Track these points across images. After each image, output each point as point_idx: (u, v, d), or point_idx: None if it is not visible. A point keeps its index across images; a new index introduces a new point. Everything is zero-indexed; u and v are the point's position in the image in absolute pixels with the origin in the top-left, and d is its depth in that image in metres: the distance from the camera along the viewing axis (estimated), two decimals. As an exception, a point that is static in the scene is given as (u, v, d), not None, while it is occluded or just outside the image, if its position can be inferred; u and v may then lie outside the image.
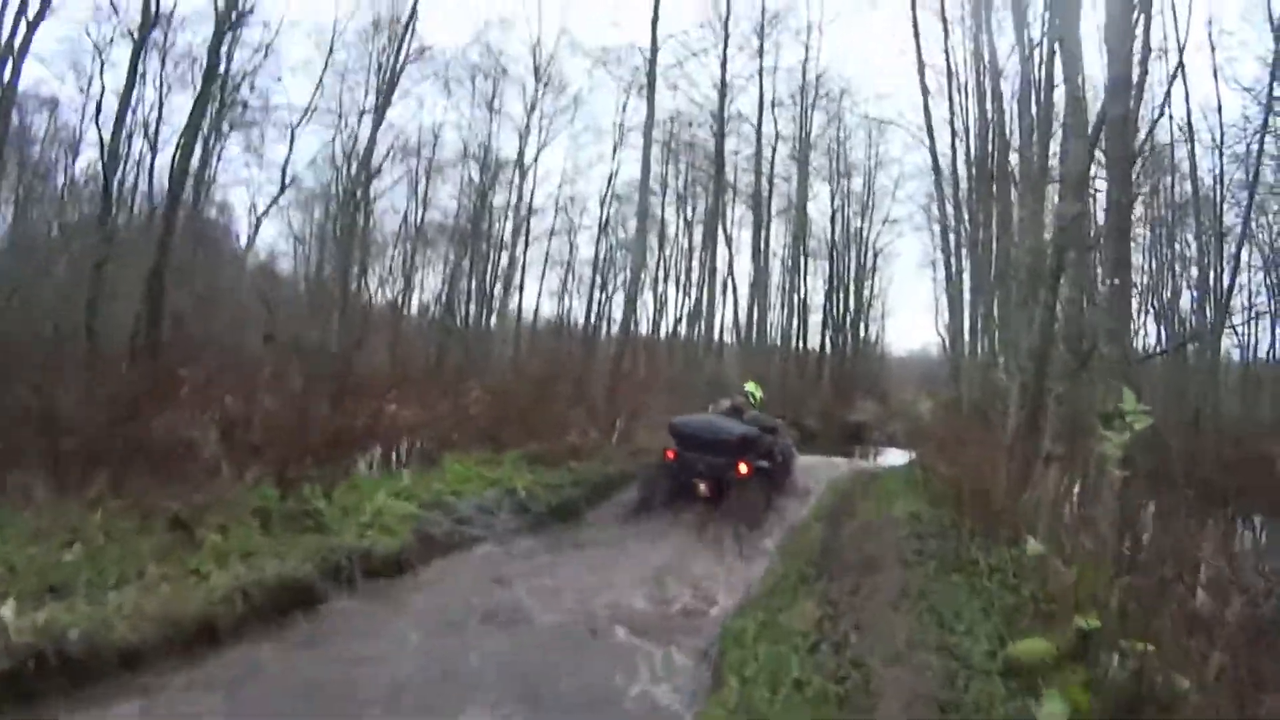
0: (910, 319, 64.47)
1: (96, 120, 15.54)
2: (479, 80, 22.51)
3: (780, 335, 26.30)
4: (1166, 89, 13.03)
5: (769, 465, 8.20)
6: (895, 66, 36.84)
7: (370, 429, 7.31)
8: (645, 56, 17.07)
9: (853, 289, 27.49)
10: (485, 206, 23.11)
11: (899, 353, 32.66)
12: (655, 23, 16.35)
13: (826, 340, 27.52)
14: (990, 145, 14.60)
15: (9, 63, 11.33)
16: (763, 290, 23.17)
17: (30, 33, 11.24)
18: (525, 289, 25.14)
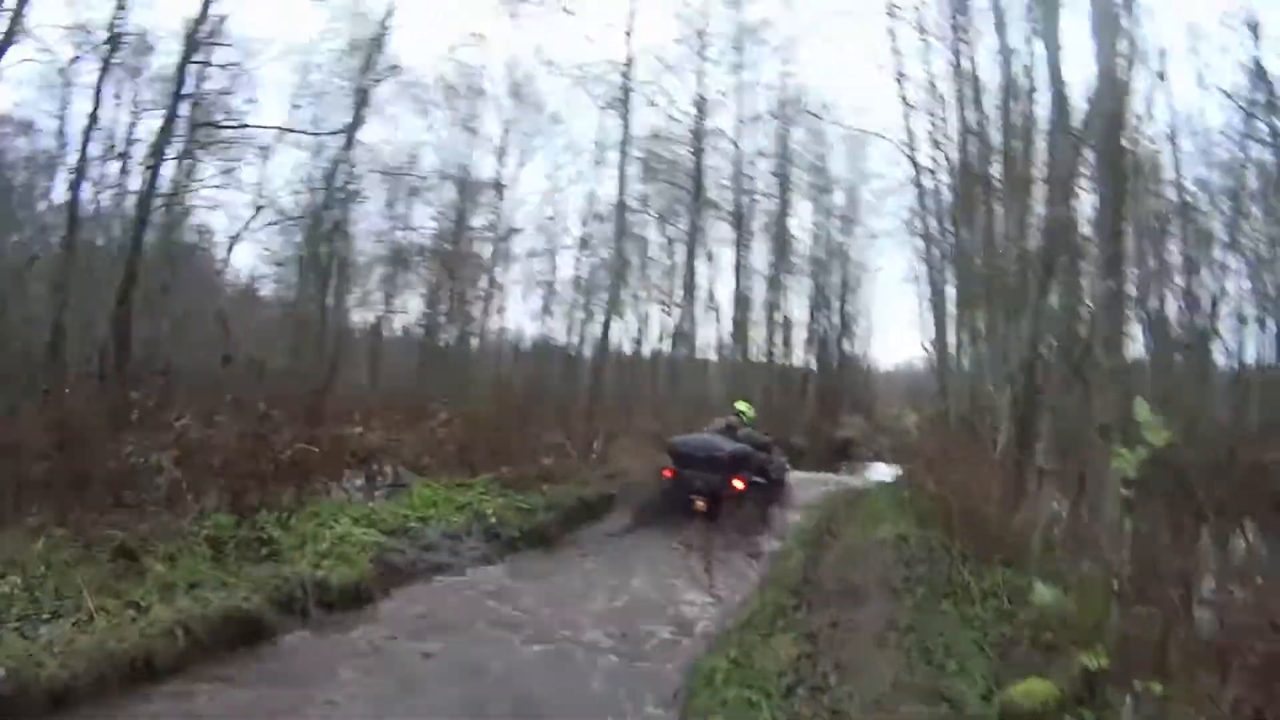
0: (895, 333, 64.41)
1: (61, 142, 15.27)
2: (454, 100, 22.27)
3: (765, 352, 26.03)
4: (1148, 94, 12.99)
5: (763, 481, 8.50)
6: (875, 81, 36.91)
7: (334, 454, 7.09)
8: (621, 72, 16.93)
9: (836, 304, 27.30)
10: (464, 227, 22.79)
11: (885, 367, 32.48)
12: (629, 34, 16.23)
13: (812, 356, 27.30)
14: (971, 151, 14.42)
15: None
16: (745, 307, 22.92)
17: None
18: (506, 310, 24.78)
